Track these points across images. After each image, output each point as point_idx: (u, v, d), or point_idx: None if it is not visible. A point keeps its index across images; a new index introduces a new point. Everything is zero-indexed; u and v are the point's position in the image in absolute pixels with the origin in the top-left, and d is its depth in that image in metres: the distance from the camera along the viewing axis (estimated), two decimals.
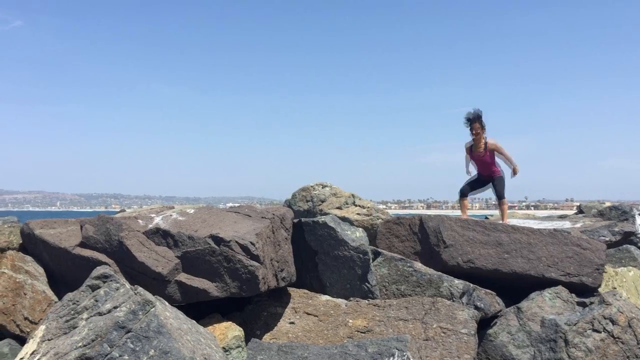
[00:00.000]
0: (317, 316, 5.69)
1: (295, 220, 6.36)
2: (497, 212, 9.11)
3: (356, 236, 6.26)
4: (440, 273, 6.28)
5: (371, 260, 6.23)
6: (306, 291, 6.05)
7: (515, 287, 6.49)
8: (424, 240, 7.01)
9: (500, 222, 7.57)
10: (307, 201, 9.54)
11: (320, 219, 6.32)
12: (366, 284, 6.09)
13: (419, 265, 6.41)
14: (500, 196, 8.17)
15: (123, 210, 9.00)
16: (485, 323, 5.98)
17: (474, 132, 7.94)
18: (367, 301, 5.88)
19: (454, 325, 5.46)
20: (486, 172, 8.17)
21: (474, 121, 7.90)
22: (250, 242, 5.16)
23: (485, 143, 8.00)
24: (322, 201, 9.18)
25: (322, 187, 9.47)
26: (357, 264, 6.09)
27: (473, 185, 8.40)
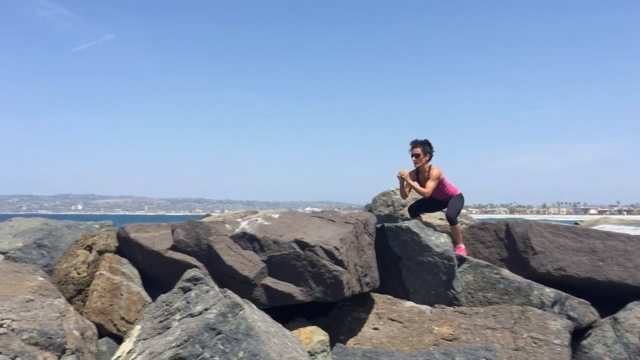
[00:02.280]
0: (401, 322, 5.63)
1: (378, 226, 6.33)
2: (586, 218, 8.61)
3: (440, 242, 6.14)
4: (529, 281, 6.06)
5: (456, 267, 6.10)
6: (390, 297, 5.99)
7: (609, 297, 6.15)
8: (511, 246, 6.80)
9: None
10: (388, 206, 9.48)
11: (404, 224, 6.26)
12: (451, 290, 5.96)
13: (506, 272, 6.20)
14: (451, 218, 7.00)
15: (208, 215, 9.29)
16: (578, 334, 5.70)
17: (413, 156, 7.12)
18: (452, 308, 5.75)
19: (546, 336, 5.24)
20: (442, 198, 7.24)
21: (417, 145, 7.08)
22: (335, 247, 5.19)
23: (429, 172, 7.10)
24: (404, 206, 9.08)
25: None
26: (442, 270, 5.98)
27: (425, 207, 7.52)
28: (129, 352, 4.33)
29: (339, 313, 5.79)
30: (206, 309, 4.49)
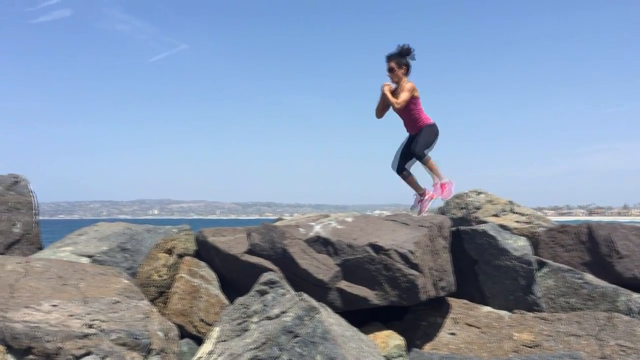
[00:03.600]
0: (479, 328, 5.50)
1: (453, 229, 6.22)
2: None
3: (518, 245, 5.97)
4: (615, 286, 5.79)
5: (535, 271, 5.90)
6: (466, 301, 5.87)
7: None
8: (593, 250, 6.52)
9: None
10: (461, 209, 9.29)
11: (480, 227, 6.12)
12: (531, 295, 5.78)
13: (590, 277, 5.95)
14: (416, 154, 6.30)
15: (280, 219, 9.41)
16: None
17: (387, 71, 6.39)
18: (532, 314, 5.58)
19: (635, 344, 4.98)
20: (413, 129, 6.47)
21: (390, 59, 6.36)
22: (409, 251, 5.14)
23: (401, 86, 6.37)
24: (477, 209, 8.88)
25: (477, 194, 9.16)
26: (521, 275, 5.80)
27: (405, 153, 6.60)
28: (209, 353, 4.45)
29: (414, 317, 5.72)
30: (283, 312, 4.55)
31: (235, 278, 5.95)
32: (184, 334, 5.55)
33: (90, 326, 3.92)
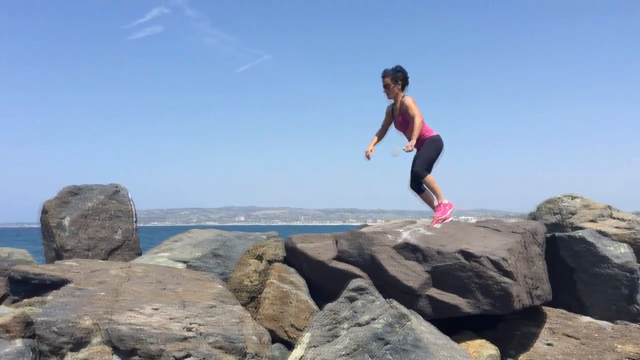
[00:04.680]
0: (578, 339, 5.25)
1: (548, 235, 5.98)
2: None
3: (620, 252, 5.66)
4: None
5: (639, 280, 5.57)
6: (563, 311, 5.62)
7: None
8: None
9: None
10: (555, 214, 8.91)
11: (577, 233, 5.86)
12: (635, 305, 5.46)
13: None
14: (416, 173, 6.16)
15: (365, 225, 9.41)
16: None
17: (383, 88, 6.32)
18: (637, 325, 5.26)
19: None
20: (416, 144, 6.18)
21: (386, 74, 6.28)
22: (502, 258, 4.99)
23: (401, 102, 6.26)
24: (572, 214, 8.48)
25: (572, 199, 8.74)
26: (623, 283, 5.50)
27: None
28: (300, 358, 4.51)
29: (507, 327, 5.54)
30: (373, 319, 4.54)
31: (324, 284, 6.00)
32: (275, 338, 5.66)
33: (189, 329, 4.09)
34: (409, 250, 5.48)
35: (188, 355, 3.93)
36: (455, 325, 5.42)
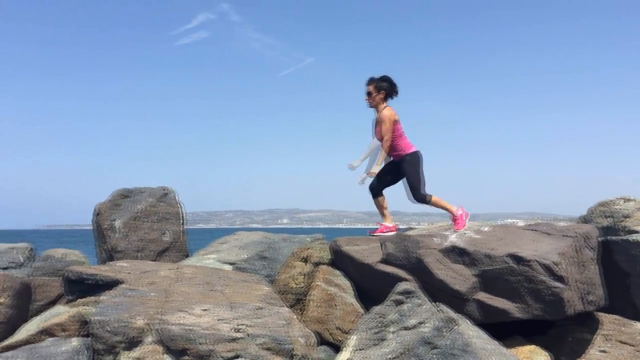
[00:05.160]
0: (633, 346, 5.08)
1: (601, 239, 5.81)
2: None
3: None
4: None
5: None
6: (618, 317, 5.44)
7: None
8: None
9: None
10: (607, 217, 8.64)
11: (632, 237, 5.67)
12: None
13: None
14: (419, 201, 6.08)
15: (410, 228, 9.33)
16: None
17: (365, 95, 6.14)
18: None
19: None
20: (393, 157, 6.10)
21: (369, 82, 6.11)
22: (553, 262, 4.88)
23: (379, 114, 6.08)
24: (626, 217, 8.21)
25: (625, 202, 8.47)
26: None
27: (382, 178, 6.26)
28: None
29: (559, 332, 5.41)
30: (420, 323, 4.51)
31: (369, 287, 5.99)
32: (321, 340, 5.67)
33: (238, 330, 4.14)
34: (457, 253, 5.41)
35: (237, 356, 3.98)
36: (504, 331, 5.32)
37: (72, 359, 3.97)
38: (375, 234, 6.41)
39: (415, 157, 6.11)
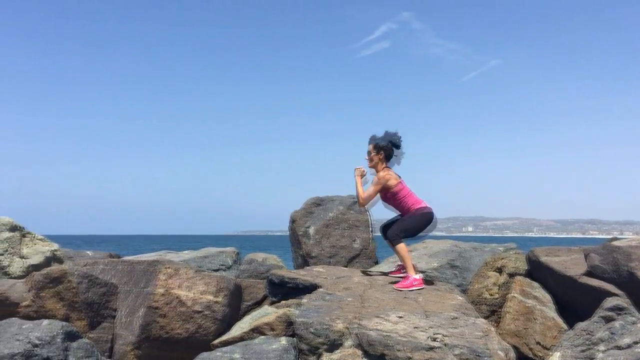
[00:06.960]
0: None
1: None
2: None
3: None
4: None
5: None
6: None
7: None
8: None
9: None
10: None
11: None
12: None
13: None
14: (389, 237, 5.68)
15: (615, 238, 8.53)
16: None
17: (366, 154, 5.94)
18: None
19: None
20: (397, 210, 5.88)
21: (370, 141, 5.89)
22: None
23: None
24: None
25: None
26: None
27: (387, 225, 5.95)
28: None
29: None
30: (636, 342, 4.14)
31: (572, 301, 5.61)
32: (518, 355, 5.42)
33: (434, 339, 4.13)
34: None
35: None
36: None
37: (281, 357, 4.27)
38: (399, 288, 5.45)
39: (420, 214, 5.73)
